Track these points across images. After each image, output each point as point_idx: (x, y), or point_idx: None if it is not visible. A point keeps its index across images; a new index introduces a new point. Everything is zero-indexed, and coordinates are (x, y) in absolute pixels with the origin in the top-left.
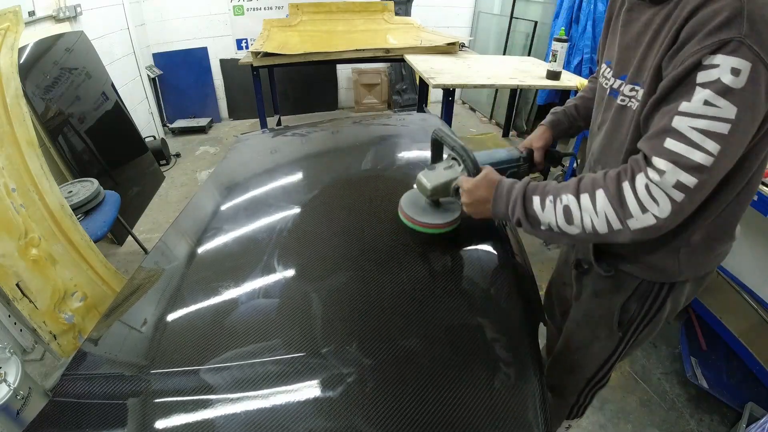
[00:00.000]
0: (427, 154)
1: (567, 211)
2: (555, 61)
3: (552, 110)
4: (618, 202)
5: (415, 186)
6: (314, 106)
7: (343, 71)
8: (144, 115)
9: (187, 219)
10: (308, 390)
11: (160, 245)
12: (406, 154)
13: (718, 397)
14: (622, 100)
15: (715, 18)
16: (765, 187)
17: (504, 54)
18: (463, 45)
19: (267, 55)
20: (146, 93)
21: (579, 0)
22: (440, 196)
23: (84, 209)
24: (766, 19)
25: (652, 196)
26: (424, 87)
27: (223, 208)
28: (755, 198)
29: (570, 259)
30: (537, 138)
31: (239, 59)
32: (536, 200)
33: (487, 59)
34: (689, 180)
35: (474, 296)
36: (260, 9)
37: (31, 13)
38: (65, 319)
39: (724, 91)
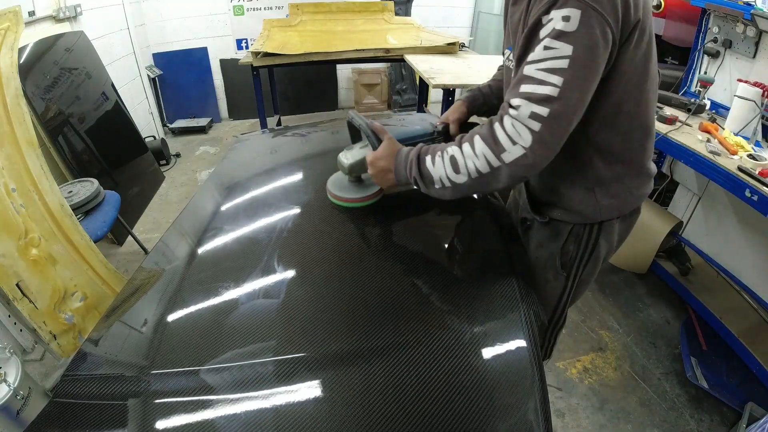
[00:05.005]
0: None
1: (453, 160)
2: None
3: (469, 89)
4: (492, 141)
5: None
6: (314, 106)
7: (343, 71)
8: (144, 115)
9: (187, 219)
10: (309, 390)
11: (160, 245)
12: None
13: (718, 397)
14: (508, 65)
15: None
16: (765, 187)
17: None
18: (463, 45)
19: (267, 55)
20: (146, 93)
21: None
22: (359, 173)
23: (84, 209)
24: None
25: (516, 129)
26: (424, 87)
27: (223, 208)
28: (754, 198)
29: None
30: (452, 111)
31: (239, 59)
32: (428, 159)
33: (487, 59)
34: (541, 110)
35: (474, 298)
36: (260, 9)
37: (31, 13)
38: (65, 319)
39: (558, 34)
